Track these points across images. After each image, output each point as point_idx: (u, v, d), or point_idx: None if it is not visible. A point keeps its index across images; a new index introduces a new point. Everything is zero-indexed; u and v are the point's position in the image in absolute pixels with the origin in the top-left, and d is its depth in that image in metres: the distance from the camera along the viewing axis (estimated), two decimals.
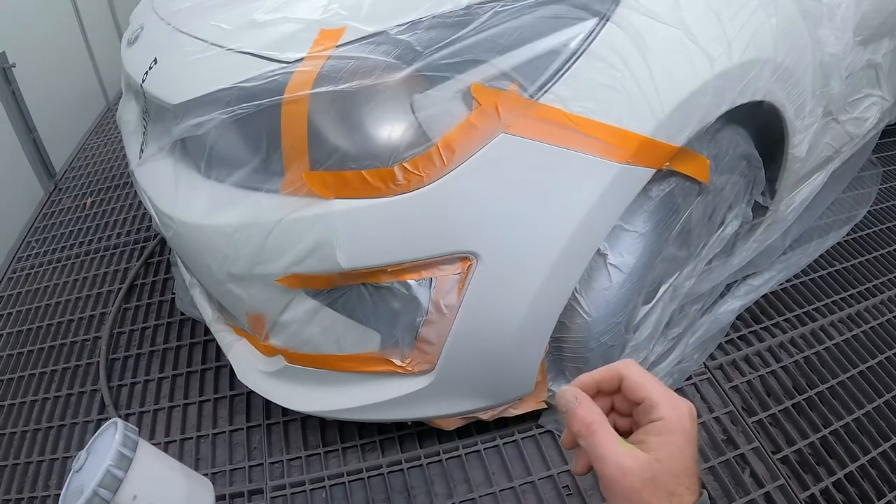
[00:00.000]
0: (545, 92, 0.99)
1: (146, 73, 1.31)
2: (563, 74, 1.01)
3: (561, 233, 1.04)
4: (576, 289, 1.17)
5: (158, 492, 1.01)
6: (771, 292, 1.76)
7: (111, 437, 0.99)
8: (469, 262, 1.04)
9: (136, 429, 1.03)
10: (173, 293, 1.89)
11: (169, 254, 2.09)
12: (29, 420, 1.68)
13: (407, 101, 0.97)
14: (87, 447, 1.02)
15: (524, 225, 1.03)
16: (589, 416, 0.56)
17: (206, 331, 1.76)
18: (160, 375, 1.70)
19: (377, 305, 1.09)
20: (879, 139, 2.20)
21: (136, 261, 2.14)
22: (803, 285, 1.81)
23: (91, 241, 2.34)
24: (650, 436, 0.55)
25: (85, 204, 2.58)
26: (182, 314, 1.82)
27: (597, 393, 0.60)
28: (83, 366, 1.78)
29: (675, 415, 0.56)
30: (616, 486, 0.53)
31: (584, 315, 1.19)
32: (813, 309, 1.74)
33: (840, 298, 1.78)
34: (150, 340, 1.81)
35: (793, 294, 1.79)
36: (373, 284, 1.07)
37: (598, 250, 1.17)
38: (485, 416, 1.34)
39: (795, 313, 1.73)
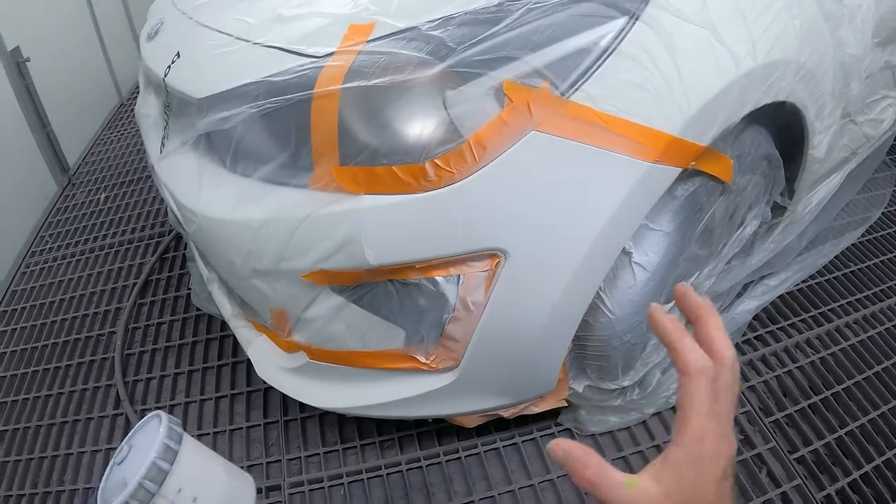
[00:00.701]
0: (576, 90, 0.99)
1: (169, 66, 1.31)
2: (593, 73, 1.00)
3: (589, 231, 1.04)
4: (600, 287, 1.16)
5: (202, 485, 1.00)
6: (787, 293, 1.76)
7: (155, 429, 0.98)
8: (498, 260, 1.03)
9: (180, 421, 1.03)
10: (189, 289, 1.89)
11: (185, 249, 2.09)
12: (43, 415, 1.68)
13: (439, 98, 0.97)
14: (127, 439, 1.01)
15: (553, 222, 1.02)
16: (586, 470, 0.52)
17: (223, 327, 1.77)
18: (176, 371, 1.70)
19: (403, 302, 1.09)
20: (895, 141, 2.20)
21: (151, 256, 2.14)
22: (819, 286, 1.81)
23: (105, 236, 2.34)
24: (667, 468, 0.52)
25: (99, 199, 2.58)
26: (198, 310, 1.82)
27: None
28: (98, 361, 1.78)
29: (696, 448, 0.51)
30: None
31: (608, 313, 1.19)
32: (829, 310, 1.74)
33: (855, 300, 1.78)
34: (165, 336, 1.81)
35: (808, 295, 1.79)
36: (400, 281, 1.07)
37: (624, 248, 1.17)
38: (506, 414, 1.34)
39: (811, 314, 1.73)
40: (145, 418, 1.04)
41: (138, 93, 1.71)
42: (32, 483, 1.52)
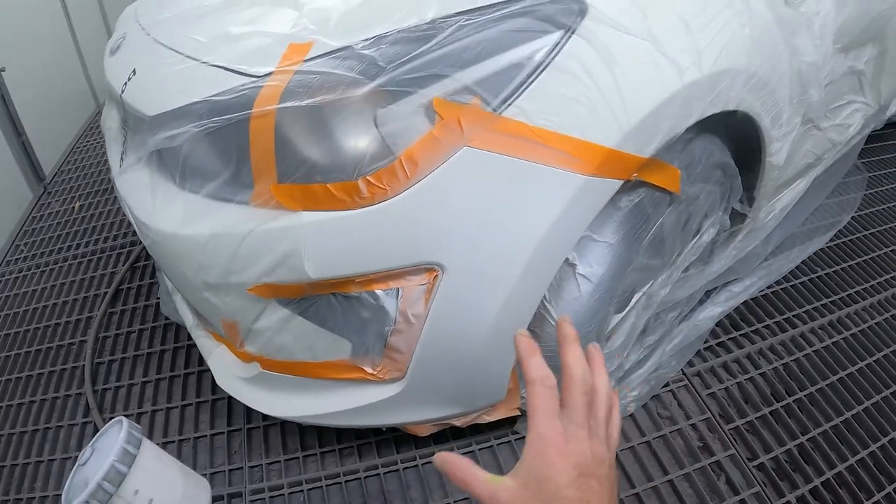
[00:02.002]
0: (509, 105, 1.00)
1: (125, 83, 1.33)
2: (526, 87, 1.01)
3: (526, 244, 1.05)
4: (545, 298, 1.18)
5: (158, 488, 1.07)
6: (751, 299, 1.77)
7: (116, 434, 1.06)
8: (435, 273, 1.05)
9: (140, 427, 1.10)
10: (158, 298, 1.91)
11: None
12: (15, 423, 1.70)
13: (370, 116, 0.99)
14: (91, 443, 1.08)
15: (489, 237, 1.04)
16: (458, 471, 0.61)
17: (189, 336, 1.78)
18: (144, 379, 1.71)
19: (346, 314, 1.11)
20: (865, 144, 2.20)
21: (123, 265, 2.16)
22: (784, 292, 1.82)
23: (79, 244, 2.36)
24: (521, 464, 0.60)
25: (73, 207, 2.60)
26: (166, 319, 1.84)
27: None
28: (69, 369, 1.80)
29: (539, 443, 0.59)
30: None
31: (554, 324, 1.20)
32: (794, 315, 1.75)
33: (821, 305, 1.79)
34: (134, 345, 1.83)
35: (773, 300, 1.80)
36: (342, 294, 1.09)
37: (567, 260, 1.18)
38: (458, 423, 1.35)
39: (776, 320, 1.74)
40: (108, 423, 1.12)
41: None
42: (4, 490, 1.54)
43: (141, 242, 2.22)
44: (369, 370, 1.16)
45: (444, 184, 1.00)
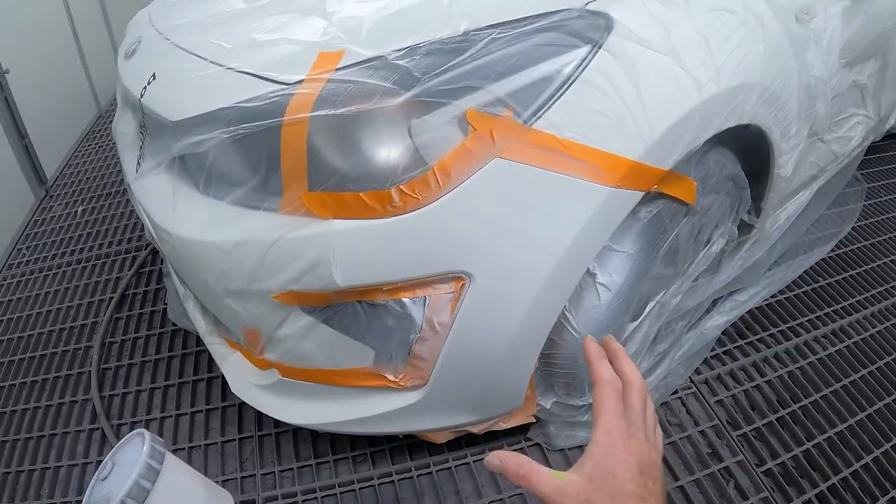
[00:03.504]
0: (538, 118, 1.02)
1: (145, 87, 1.32)
2: (556, 101, 1.03)
3: (551, 254, 1.06)
4: (565, 307, 1.19)
5: (182, 502, 1.04)
6: (756, 308, 1.79)
7: (138, 447, 1.02)
8: (462, 282, 1.06)
9: (163, 440, 1.06)
10: (165, 304, 1.90)
11: (161, 264, 2.10)
12: (20, 429, 1.68)
13: (404, 126, 0.99)
14: (110, 456, 1.04)
15: (516, 246, 1.05)
16: (520, 469, 0.63)
17: (198, 342, 1.78)
18: (152, 386, 1.71)
19: (372, 322, 1.11)
20: (864, 156, 2.24)
21: (128, 270, 2.15)
22: (788, 301, 1.85)
23: (82, 249, 2.34)
24: (587, 459, 0.62)
25: (76, 212, 2.58)
26: (174, 325, 1.83)
27: None
28: (74, 375, 1.79)
29: (606, 439, 0.63)
30: None
31: (574, 332, 1.22)
32: (797, 324, 1.78)
33: (824, 314, 1.81)
34: (141, 351, 1.82)
35: (777, 310, 1.82)
36: (368, 302, 1.09)
37: (588, 270, 1.19)
38: (475, 430, 1.36)
39: (780, 328, 1.76)
40: (128, 435, 1.08)
41: (116, 106, 1.72)
42: (9, 497, 1.52)
43: (146, 247, 2.22)
44: (391, 378, 1.17)
45: (474, 194, 1.01)
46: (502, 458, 0.66)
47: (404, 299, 1.08)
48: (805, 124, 1.53)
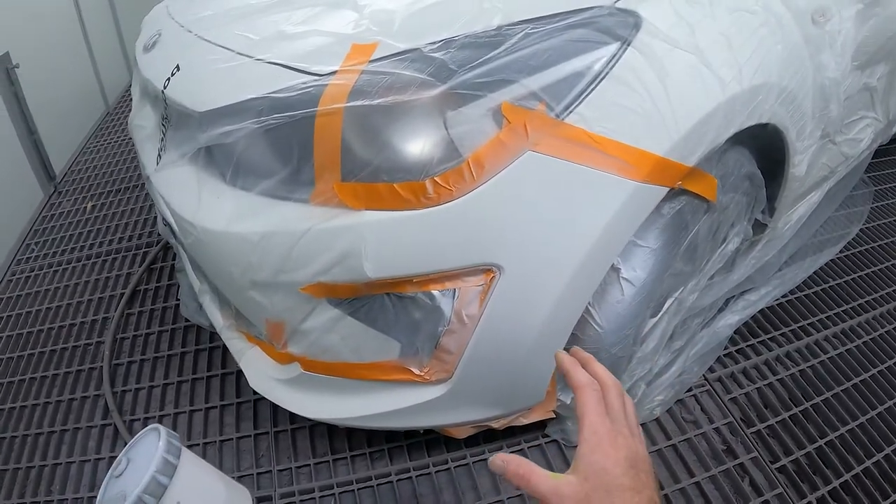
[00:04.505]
0: (570, 112, 1.03)
1: (168, 79, 1.32)
2: (587, 96, 1.04)
3: (580, 247, 1.07)
4: (589, 302, 1.20)
5: (200, 498, 1.01)
6: (767, 307, 1.81)
7: (154, 442, 0.99)
8: (492, 275, 1.06)
9: (178, 435, 1.04)
10: (177, 300, 1.89)
11: (173, 260, 2.09)
12: (30, 424, 1.67)
13: (440, 118, 1.00)
14: (125, 452, 1.02)
15: (546, 239, 1.06)
16: (519, 469, 0.67)
17: (212, 338, 1.77)
18: (165, 381, 1.70)
19: (399, 315, 1.11)
20: (872, 159, 2.27)
21: (139, 266, 2.13)
22: (798, 301, 1.86)
23: (92, 245, 2.33)
24: (579, 459, 0.65)
25: (85, 208, 2.57)
26: (186, 321, 1.83)
27: None
28: (86, 370, 1.78)
29: (594, 439, 0.66)
30: None
31: (597, 327, 1.22)
32: (808, 324, 1.79)
33: (834, 314, 1.83)
34: (154, 346, 1.81)
35: (788, 309, 1.84)
36: (396, 294, 1.09)
37: (612, 265, 1.20)
38: (496, 425, 1.36)
39: (791, 328, 1.77)
40: (143, 431, 1.05)
41: (126, 102, 1.72)
42: (20, 493, 1.51)
43: (158, 243, 2.21)
44: (416, 371, 1.17)
45: (507, 186, 1.01)
46: (504, 460, 0.69)
47: (434, 291, 1.08)
48: (818, 125, 1.55)
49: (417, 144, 1.00)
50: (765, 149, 1.48)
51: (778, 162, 1.52)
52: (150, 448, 1.00)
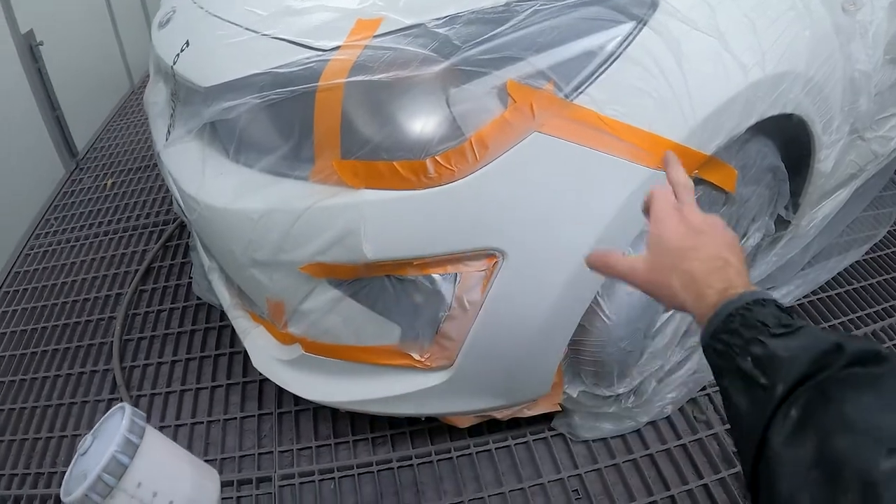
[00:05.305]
0: (580, 93, 0.99)
1: (178, 55, 1.31)
2: (598, 76, 1.01)
3: (588, 235, 1.04)
4: (598, 292, 1.16)
5: (164, 480, 0.98)
6: (788, 307, 1.75)
7: (118, 421, 0.97)
8: (495, 260, 1.03)
9: (144, 414, 1.02)
10: (190, 277, 1.90)
11: (188, 238, 2.09)
12: (39, 396, 1.69)
13: (443, 95, 0.97)
14: (93, 431, 1.00)
15: (552, 225, 1.02)
16: (600, 258, 0.72)
17: (222, 316, 1.77)
18: (173, 358, 1.70)
19: (400, 298, 1.09)
20: None
21: (155, 244, 2.15)
22: (821, 302, 1.80)
23: (110, 221, 2.35)
24: (648, 238, 0.69)
25: (105, 185, 2.59)
26: (198, 299, 1.83)
27: None
28: (96, 345, 1.79)
29: (660, 215, 0.69)
30: (637, 283, 0.68)
31: (605, 319, 1.19)
32: (829, 326, 1.73)
33: (857, 317, 1.77)
34: (164, 323, 1.82)
35: (810, 310, 1.78)
36: (397, 277, 1.07)
37: (623, 254, 1.16)
38: (499, 416, 1.34)
39: None
40: (111, 410, 1.03)
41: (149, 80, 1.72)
42: (25, 463, 1.53)
43: (174, 221, 2.21)
44: (417, 357, 1.14)
45: (511, 168, 0.98)
46: (589, 255, 0.74)
47: (434, 275, 1.05)
48: (847, 119, 1.48)
49: (419, 122, 0.97)
50: (789, 141, 1.43)
51: (803, 156, 1.46)
52: (114, 427, 0.98)
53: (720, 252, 0.63)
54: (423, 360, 1.14)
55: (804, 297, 1.79)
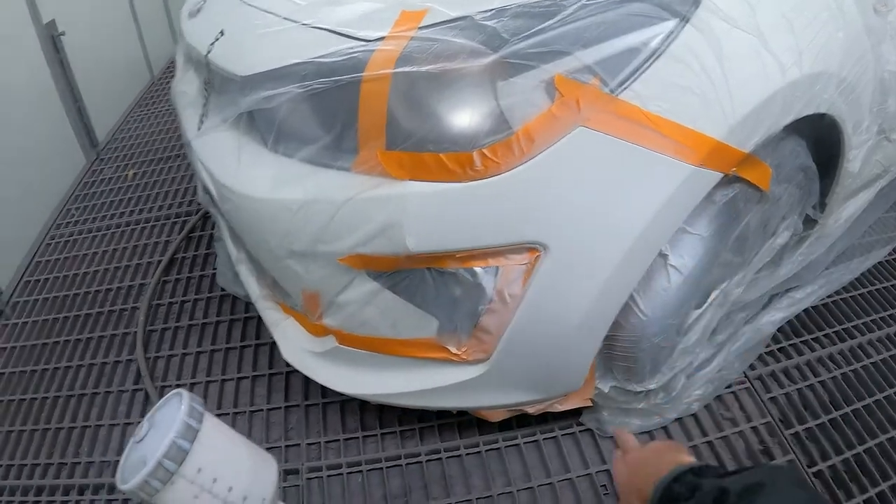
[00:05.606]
0: (625, 88, 1.00)
1: (212, 44, 1.31)
2: (642, 72, 1.01)
3: (629, 230, 1.04)
4: (634, 288, 1.16)
5: (223, 465, 0.96)
6: (812, 307, 1.75)
7: (176, 408, 0.95)
8: (537, 253, 1.03)
9: (202, 400, 1.00)
10: (214, 269, 1.90)
11: (212, 229, 2.09)
12: (62, 386, 1.69)
13: (491, 88, 0.97)
14: (147, 417, 0.98)
15: (594, 220, 1.03)
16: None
17: (247, 308, 1.77)
18: (198, 350, 1.70)
19: (439, 291, 1.09)
20: None
21: (178, 234, 2.15)
22: (844, 302, 1.80)
23: (132, 212, 2.35)
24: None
25: (127, 175, 2.59)
26: (222, 290, 1.83)
27: None
28: (120, 335, 1.79)
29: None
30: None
31: (640, 315, 1.19)
32: (852, 326, 1.73)
33: (879, 318, 1.77)
34: (188, 314, 1.82)
35: (833, 310, 1.78)
36: (437, 269, 1.07)
37: (660, 251, 1.16)
38: (531, 410, 1.33)
39: (835, 329, 1.72)
40: (166, 396, 1.01)
41: (170, 72, 1.72)
42: (48, 453, 1.53)
43: (197, 212, 2.21)
44: (454, 350, 1.15)
45: (556, 162, 0.98)
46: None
47: (476, 268, 1.05)
48: (875, 120, 1.48)
49: (466, 114, 0.97)
50: (819, 141, 1.43)
51: (832, 156, 1.46)
52: (171, 413, 0.96)
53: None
54: (459, 353, 1.15)
55: (827, 296, 1.79)
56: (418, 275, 1.09)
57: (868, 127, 1.45)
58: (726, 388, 1.52)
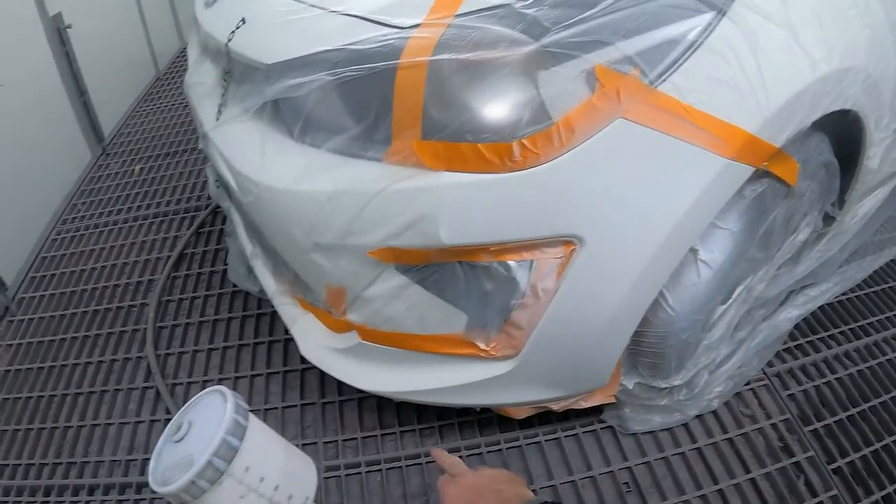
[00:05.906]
0: (664, 80, 0.98)
1: (233, 32, 1.29)
2: (681, 64, 1.00)
3: (664, 224, 1.03)
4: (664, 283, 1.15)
5: (268, 464, 0.93)
6: (827, 304, 1.75)
7: (219, 404, 0.91)
8: (572, 247, 1.02)
9: (244, 396, 0.97)
10: (225, 264, 1.87)
11: (222, 223, 2.07)
12: (70, 384, 1.66)
13: (532, 77, 0.96)
14: (182, 415, 0.93)
15: (630, 212, 1.01)
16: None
17: (259, 304, 1.75)
18: (210, 346, 1.68)
19: (471, 285, 1.07)
20: None
21: (187, 230, 2.12)
22: (858, 299, 1.80)
23: (139, 207, 2.32)
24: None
25: (133, 170, 2.56)
26: (234, 286, 1.80)
27: None
28: (129, 332, 1.76)
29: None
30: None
31: (669, 310, 1.18)
32: (867, 323, 1.73)
33: (894, 315, 1.77)
34: (199, 310, 1.79)
35: (848, 307, 1.78)
36: (469, 263, 1.06)
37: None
38: (556, 407, 1.32)
39: (850, 326, 1.72)
40: (202, 393, 0.97)
41: (176, 66, 1.69)
42: (56, 452, 1.50)
43: (206, 207, 2.18)
44: (482, 346, 1.13)
45: (595, 153, 0.97)
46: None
47: (510, 262, 1.04)
48: (895, 117, 1.49)
49: (506, 104, 0.96)
50: (841, 137, 1.43)
51: (852, 152, 1.46)
52: (214, 410, 0.91)
53: None
54: (488, 349, 1.13)
55: (841, 294, 1.79)
56: (449, 268, 1.07)
57: (888, 124, 1.45)
58: (745, 385, 1.52)
